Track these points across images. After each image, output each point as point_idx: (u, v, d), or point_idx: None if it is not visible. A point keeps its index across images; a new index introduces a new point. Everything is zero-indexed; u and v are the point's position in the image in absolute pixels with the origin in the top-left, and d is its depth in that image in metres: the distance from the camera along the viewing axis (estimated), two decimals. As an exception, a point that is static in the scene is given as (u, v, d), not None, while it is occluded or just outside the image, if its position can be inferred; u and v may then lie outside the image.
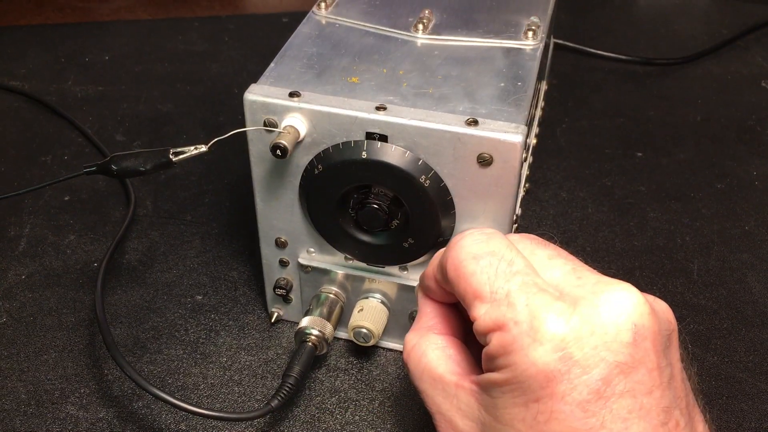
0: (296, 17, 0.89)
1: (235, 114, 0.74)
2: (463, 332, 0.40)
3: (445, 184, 0.41)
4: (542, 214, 0.63)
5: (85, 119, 0.72)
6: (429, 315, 0.40)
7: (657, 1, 0.96)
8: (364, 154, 0.41)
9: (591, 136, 0.72)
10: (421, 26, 0.48)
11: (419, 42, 0.47)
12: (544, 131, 0.70)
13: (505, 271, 0.33)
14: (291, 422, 0.46)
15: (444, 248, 0.37)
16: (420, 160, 0.41)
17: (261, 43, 0.85)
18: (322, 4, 0.50)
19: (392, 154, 0.41)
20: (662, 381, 0.31)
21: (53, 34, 0.86)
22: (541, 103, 0.61)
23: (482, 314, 0.33)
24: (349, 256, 0.47)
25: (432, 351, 0.38)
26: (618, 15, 0.93)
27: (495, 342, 0.33)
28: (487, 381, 0.34)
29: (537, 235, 0.37)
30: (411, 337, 0.39)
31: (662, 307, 0.34)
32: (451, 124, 0.40)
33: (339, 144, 0.41)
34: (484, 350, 0.34)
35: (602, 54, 0.83)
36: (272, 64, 0.45)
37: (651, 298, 0.33)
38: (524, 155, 0.41)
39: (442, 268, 0.36)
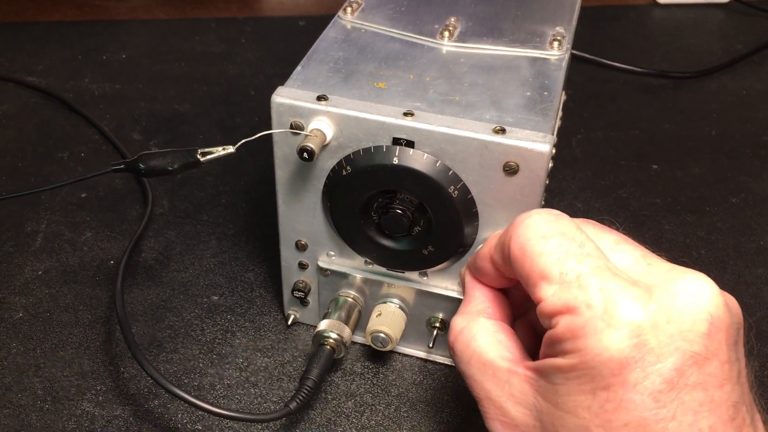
0: (313, 21, 0.90)
1: (252, 116, 0.74)
2: (511, 319, 0.39)
3: (472, 196, 0.42)
4: (558, 223, 0.63)
5: (102, 117, 0.73)
6: (478, 299, 0.39)
7: (672, 15, 0.96)
8: (396, 160, 0.41)
9: (606, 147, 0.72)
10: (446, 33, 0.48)
11: (444, 49, 0.48)
12: (560, 141, 0.70)
13: (576, 253, 0.32)
14: (307, 425, 0.46)
15: (502, 230, 0.36)
16: (450, 170, 0.41)
17: (277, 46, 0.86)
18: (348, 9, 0.51)
19: (423, 162, 0.41)
20: (732, 375, 0.31)
21: (71, 32, 0.86)
22: (559, 113, 0.61)
23: (550, 295, 0.32)
24: (369, 260, 0.47)
25: (482, 335, 0.36)
26: (633, 27, 0.94)
27: (563, 325, 0.31)
28: (549, 366, 0.33)
29: (598, 221, 0.36)
30: (459, 320, 0.38)
31: (732, 301, 0.33)
32: (478, 131, 0.40)
33: (370, 148, 0.41)
34: (548, 333, 0.32)
35: (617, 66, 0.83)
36: (299, 68, 0.45)
37: (721, 291, 0.32)
38: (550, 165, 0.41)
39: (503, 247, 0.35)
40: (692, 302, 0.31)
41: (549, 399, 0.33)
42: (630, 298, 0.31)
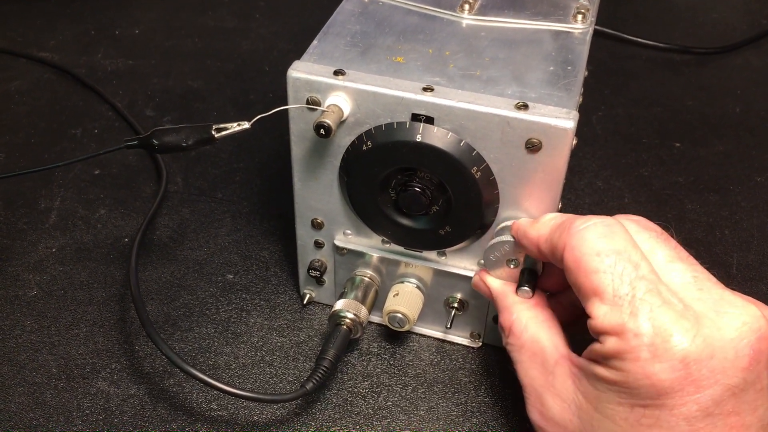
0: (328, -5, 0.88)
1: (266, 92, 0.73)
2: (545, 300, 0.41)
3: (494, 177, 0.40)
4: (578, 203, 0.62)
5: (115, 93, 0.72)
6: (511, 294, 0.41)
7: (695, -11, 0.94)
8: (419, 137, 0.40)
9: (627, 124, 0.71)
10: (466, 6, 0.47)
11: (464, 23, 0.46)
12: (580, 118, 0.69)
13: (631, 275, 0.33)
14: (323, 405, 0.46)
15: (551, 225, 0.37)
16: (474, 150, 0.40)
17: (291, 22, 0.84)
18: (365, -19, 0.49)
19: (447, 141, 0.40)
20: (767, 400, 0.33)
21: (83, 6, 0.85)
22: (581, 90, 0.60)
23: (601, 314, 0.33)
24: (385, 239, 0.47)
25: (533, 325, 0.39)
26: (655, 2, 0.91)
27: (610, 345, 0.33)
28: (593, 372, 0.34)
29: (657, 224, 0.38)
30: (505, 317, 0.40)
31: None
32: (500, 107, 0.39)
33: (393, 123, 0.40)
34: (596, 347, 0.34)
35: (639, 41, 0.81)
36: (315, 41, 0.44)
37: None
38: (574, 142, 0.39)
39: (555, 249, 0.36)
40: (737, 338, 0.32)
41: (591, 401, 0.35)
42: (678, 331, 0.32)
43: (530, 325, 0.39)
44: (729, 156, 0.67)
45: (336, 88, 0.41)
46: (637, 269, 0.33)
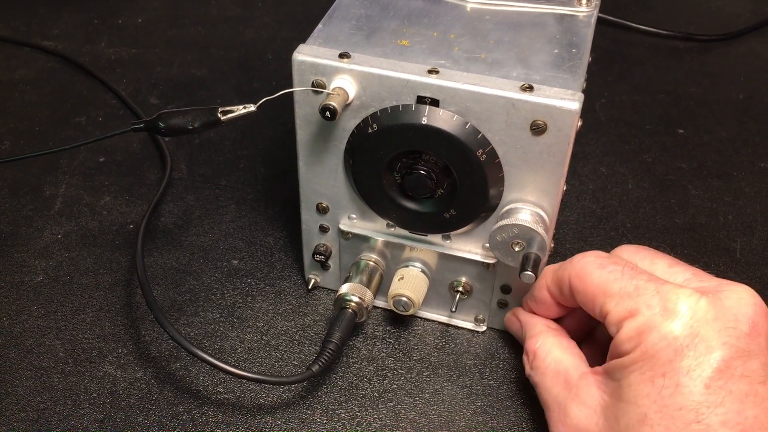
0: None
1: (270, 80, 0.73)
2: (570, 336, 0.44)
3: (499, 159, 0.41)
4: (581, 188, 0.62)
5: (119, 81, 0.72)
6: (542, 322, 0.44)
7: (698, -23, 0.93)
8: (425, 120, 0.40)
9: (631, 111, 0.71)
10: (471, -10, 0.47)
11: (469, 6, 0.46)
12: (584, 105, 0.69)
13: (630, 273, 0.38)
14: (328, 388, 0.46)
15: (552, 267, 0.42)
16: (479, 133, 0.40)
17: (295, 10, 0.84)
18: (369, -34, 0.49)
19: (452, 123, 0.40)
20: None
21: (86, -5, 0.85)
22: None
23: (613, 306, 0.37)
24: (390, 223, 0.47)
25: (556, 350, 0.42)
26: (658, -11, 0.91)
27: (627, 327, 0.36)
28: (613, 366, 0.37)
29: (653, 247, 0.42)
30: (530, 342, 0.43)
31: None
32: (505, 89, 0.39)
33: (398, 106, 0.40)
34: (616, 338, 0.37)
35: (642, 28, 0.81)
36: (320, 25, 0.44)
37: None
38: (579, 124, 0.40)
39: (561, 281, 0.41)
40: (737, 305, 0.36)
41: (613, 394, 0.37)
42: (683, 298, 0.36)
43: (554, 350, 0.42)
44: (732, 142, 0.67)
45: (341, 71, 0.41)
46: (634, 269, 0.38)
